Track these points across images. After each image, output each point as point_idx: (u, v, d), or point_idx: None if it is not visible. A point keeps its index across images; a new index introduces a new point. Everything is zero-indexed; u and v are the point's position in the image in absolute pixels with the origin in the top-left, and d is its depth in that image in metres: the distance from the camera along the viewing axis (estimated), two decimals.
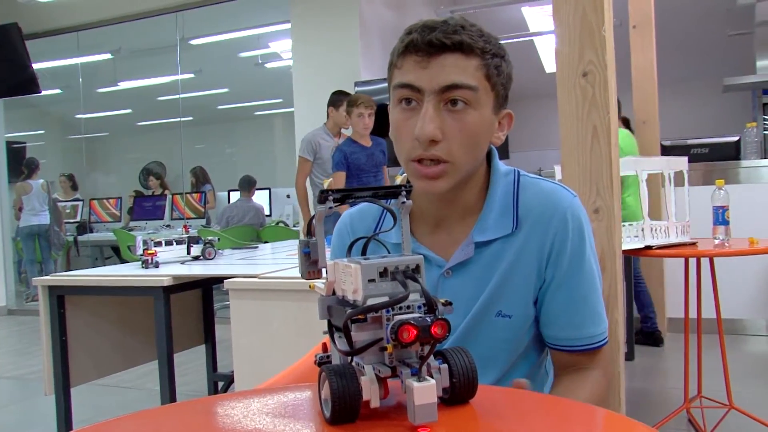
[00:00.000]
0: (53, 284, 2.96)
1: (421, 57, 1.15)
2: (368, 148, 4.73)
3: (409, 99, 1.18)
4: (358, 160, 4.68)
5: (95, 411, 3.89)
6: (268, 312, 2.48)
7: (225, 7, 7.28)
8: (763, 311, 4.86)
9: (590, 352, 1.27)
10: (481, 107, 1.18)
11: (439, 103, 1.16)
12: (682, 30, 8.41)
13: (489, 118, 1.21)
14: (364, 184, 4.52)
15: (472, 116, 1.17)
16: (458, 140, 1.16)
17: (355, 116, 4.61)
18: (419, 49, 1.15)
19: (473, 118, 1.17)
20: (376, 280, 0.75)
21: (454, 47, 1.14)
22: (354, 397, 0.73)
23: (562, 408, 0.86)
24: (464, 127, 1.16)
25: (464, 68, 1.15)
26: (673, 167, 2.97)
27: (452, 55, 1.15)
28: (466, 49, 1.15)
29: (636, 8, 4.72)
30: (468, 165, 1.21)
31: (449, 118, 1.16)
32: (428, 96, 1.15)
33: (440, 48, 1.14)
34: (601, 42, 1.70)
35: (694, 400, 3.13)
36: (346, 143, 4.74)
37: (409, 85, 1.17)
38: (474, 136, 1.18)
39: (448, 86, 1.14)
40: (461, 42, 1.14)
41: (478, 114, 1.18)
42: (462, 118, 1.16)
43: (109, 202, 8.53)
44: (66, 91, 9.96)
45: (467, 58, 1.15)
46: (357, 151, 4.69)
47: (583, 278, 1.25)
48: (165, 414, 0.91)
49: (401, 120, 1.20)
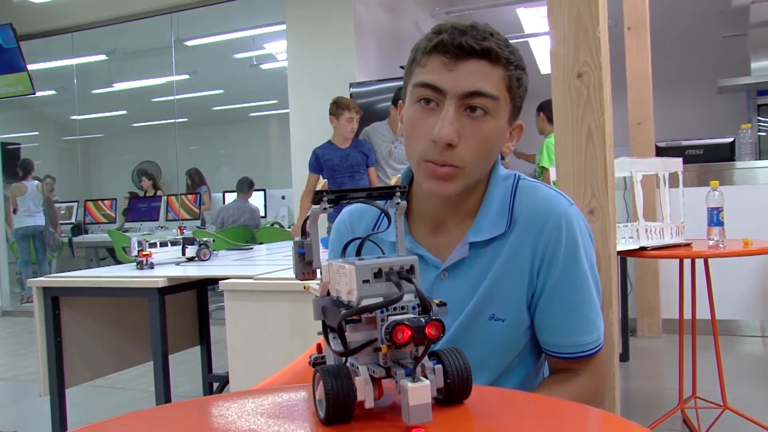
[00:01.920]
0: (48, 285, 2.95)
1: (449, 59, 1.15)
2: (342, 150, 4.87)
3: (428, 99, 1.17)
4: (330, 161, 4.84)
5: (90, 412, 3.88)
6: (263, 313, 2.47)
7: (220, 9, 7.27)
8: (757, 312, 4.87)
9: (582, 359, 1.27)
10: (499, 117, 1.18)
11: (459, 107, 1.15)
12: (676, 31, 8.43)
13: (504, 128, 1.21)
14: (339, 185, 4.62)
15: (490, 125, 1.17)
16: (473, 147, 1.16)
17: (344, 120, 4.77)
18: (447, 50, 1.14)
19: (490, 127, 1.17)
20: (370, 280, 0.75)
21: (482, 54, 1.14)
22: (348, 398, 0.73)
23: (556, 409, 0.87)
24: (480, 134, 1.16)
25: (489, 76, 1.15)
26: (668, 168, 2.97)
27: (479, 62, 1.14)
28: (494, 58, 1.15)
29: (631, 9, 4.73)
30: (479, 172, 1.22)
31: (468, 124, 1.16)
32: (450, 99, 1.15)
33: (469, 53, 1.14)
34: (596, 43, 1.70)
35: (688, 400, 3.14)
36: (322, 146, 4.94)
37: (431, 86, 1.16)
38: (488, 144, 1.18)
39: (471, 92, 1.14)
40: (490, 49, 1.14)
41: (495, 123, 1.18)
42: (480, 125, 1.16)
43: (104, 203, 8.52)
44: (61, 92, 9.93)
45: (493, 67, 1.15)
46: (329, 153, 4.86)
47: (575, 286, 1.24)
48: (160, 415, 0.90)
49: (418, 119, 1.19)
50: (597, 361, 1.29)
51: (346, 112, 4.74)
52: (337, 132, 4.87)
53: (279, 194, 8.05)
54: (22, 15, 7.81)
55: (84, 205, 8.61)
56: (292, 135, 6.31)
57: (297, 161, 6.25)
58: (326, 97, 5.82)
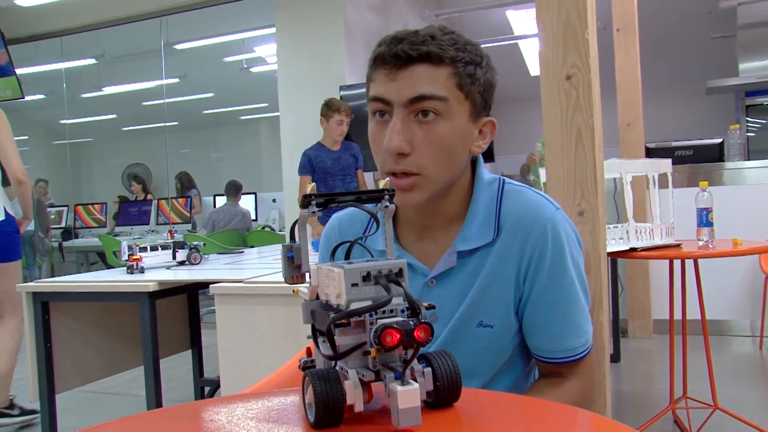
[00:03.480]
0: (37, 290, 2.94)
1: (389, 69, 1.15)
2: (335, 152, 4.84)
3: (382, 111, 1.18)
4: (323, 163, 4.80)
5: (81, 418, 3.86)
6: (254, 316, 2.47)
7: (210, 12, 7.26)
8: (747, 312, 4.89)
9: (571, 364, 1.27)
10: (453, 117, 1.17)
11: (408, 115, 1.15)
12: (665, 33, 8.47)
13: (463, 128, 1.19)
14: (331, 188, 4.61)
15: (444, 127, 1.16)
16: (428, 152, 1.15)
17: (334, 122, 4.73)
18: (387, 61, 1.15)
19: (444, 129, 1.16)
20: (359, 284, 0.75)
21: (421, 58, 1.13)
22: (338, 402, 0.73)
23: (546, 411, 0.87)
24: (434, 138, 1.15)
25: (433, 78, 1.14)
26: (658, 169, 2.98)
27: (420, 66, 1.14)
28: (435, 59, 1.14)
29: (619, 11, 4.75)
30: (443, 176, 1.20)
31: (419, 129, 1.15)
32: (397, 108, 1.15)
33: (407, 60, 1.13)
34: (585, 45, 1.70)
35: (679, 401, 3.15)
36: (313, 147, 4.87)
37: (379, 98, 1.16)
38: (446, 147, 1.17)
39: (415, 97, 1.13)
40: (428, 52, 1.13)
41: (450, 124, 1.16)
42: (432, 129, 1.15)
43: (95, 207, 8.48)
44: (50, 96, 9.91)
45: (436, 68, 1.14)
46: (322, 155, 4.82)
47: (563, 292, 1.24)
48: (151, 420, 0.90)
49: (375, 132, 1.19)
50: (586, 365, 1.30)
51: (336, 115, 4.70)
52: (326, 134, 4.85)
53: (270, 197, 8.04)
54: (10, 19, 7.78)
55: (74, 209, 8.58)
56: (282, 138, 6.30)
57: (287, 164, 6.25)
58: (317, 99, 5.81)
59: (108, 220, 8.43)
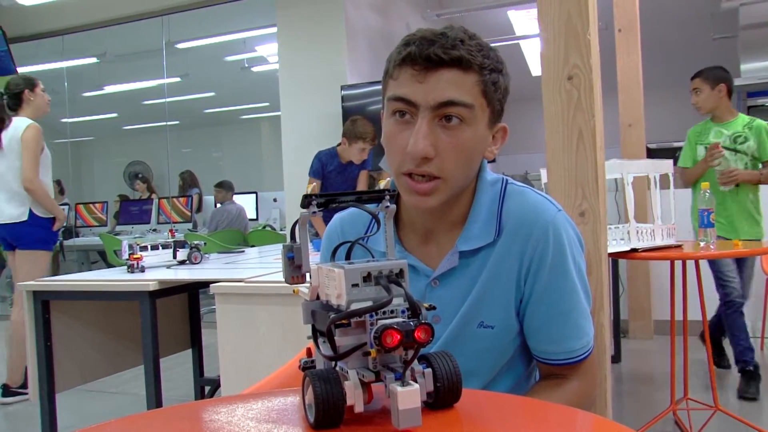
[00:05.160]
0: (38, 289, 2.94)
1: (418, 71, 1.13)
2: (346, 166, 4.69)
3: (403, 112, 1.16)
4: (330, 174, 4.66)
5: (81, 417, 3.86)
6: (255, 316, 2.47)
7: (211, 11, 7.26)
8: (748, 313, 4.88)
9: (572, 365, 1.27)
10: (476, 124, 1.16)
11: (433, 118, 1.14)
12: (666, 33, 8.46)
13: (483, 134, 1.20)
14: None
15: (467, 133, 1.15)
16: (452, 157, 1.15)
17: (356, 148, 4.51)
18: (416, 62, 1.13)
19: (468, 135, 1.15)
20: (359, 284, 0.75)
21: (452, 63, 1.12)
22: (338, 402, 0.73)
23: (547, 412, 0.87)
24: (458, 144, 1.15)
25: (461, 85, 1.13)
26: (659, 170, 2.98)
27: (450, 71, 1.12)
28: (465, 65, 1.13)
29: (621, 12, 4.75)
30: (460, 181, 1.20)
31: (443, 134, 1.14)
32: (423, 111, 1.13)
33: (438, 63, 1.12)
34: (586, 45, 1.70)
35: (680, 402, 3.15)
36: (328, 153, 4.69)
37: (404, 99, 1.15)
38: (467, 152, 1.17)
39: (444, 102, 1.12)
40: (460, 58, 1.12)
41: (473, 130, 1.16)
42: (456, 134, 1.14)
43: (95, 206, 8.48)
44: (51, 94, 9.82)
45: (465, 74, 1.13)
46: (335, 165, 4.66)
47: (563, 293, 1.24)
48: (151, 419, 0.90)
49: (394, 132, 1.18)
50: (587, 366, 1.29)
51: (360, 143, 4.46)
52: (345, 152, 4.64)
53: (271, 197, 8.04)
54: (12, 17, 7.79)
55: (75, 208, 8.57)
56: (283, 137, 6.30)
57: (288, 164, 6.24)
58: (318, 99, 5.82)
59: (109, 218, 8.42)
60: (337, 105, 5.84)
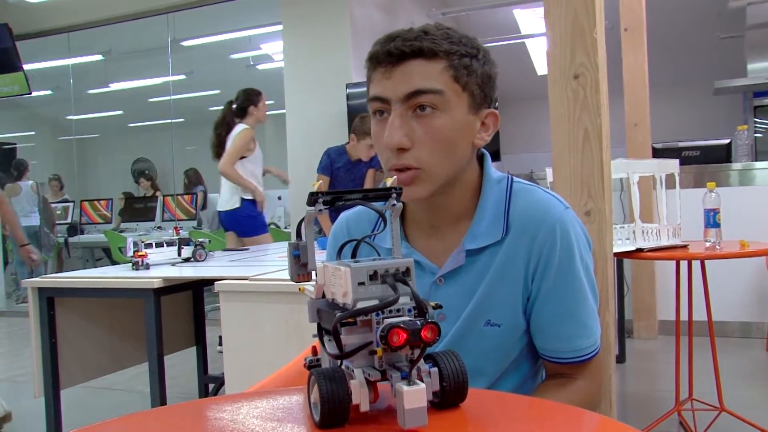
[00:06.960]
0: (43, 286, 2.94)
1: (384, 67, 1.16)
2: (354, 164, 4.77)
3: (381, 111, 1.19)
4: (338, 171, 4.74)
5: (85, 414, 3.87)
6: (259, 314, 2.47)
7: (216, 9, 7.27)
8: (754, 314, 4.88)
9: (579, 364, 1.27)
10: (451, 110, 1.17)
11: (406, 110, 1.16)
12: (673, 33, 8.45)
13: (463, 120, 1.19)
14: None
15: (442, 120, 1.16)
16: (428, 146, 1.16)
17: (364, 144, 4.60)
18: (381, 60, 1.16)
19: (442, 122, 1.16)
20: (366, 283, 0.74)
21: (414, 54, 1.15)
22: (343, 401, 0.73)
23: (553, 412, 0.86)
24: (433, 131, 1.16)
25: (427, 73, 1.15)
26: (665, 170, 2.97)
27: (414, 62, 1.15)
28: (428, 54, 1.15)
29: (627, 11, 4.74)
30: (445, 169, 1.20)
31: (417, 124, 1.16)
32: (394, 105, 1.16)
33: (400, 56, 1.15)
34: (593, 44, 1.70)
35: (685, 402, 3.14)
36: (337, 150, 4.76)
37: (377, 98, 1.18)
38: (445, 140, 1.17)
39: (411, 93, 1.14)
40: (421, 48, 1.14)
41: (448, 117, 1.17)
42: (430, 122, 1.16)
43: (100, 203, 8.49)
44: (57, 92, 9.92)
45: (429, 63, 1.15)
46: (343, 163, 4.75)
47: (571, 292, 1.24)
48: (155, 417, 0.90)
49: (378, 132, 1.20)
50: (594, 366, 1.29)
51: (368, 139, 4.48)
52: (354, 149, 4.73)
53: (275, 195, 8.04)
54: (18, 15, 7.80)
55: (80, 205, 8.59)
56: (288, 135, 6.30)
57: (293, 162, 6.25)
58: (322, 97, 5.82)
59: (113, 216, 8.44)
60: (341, 103, 5.84)
